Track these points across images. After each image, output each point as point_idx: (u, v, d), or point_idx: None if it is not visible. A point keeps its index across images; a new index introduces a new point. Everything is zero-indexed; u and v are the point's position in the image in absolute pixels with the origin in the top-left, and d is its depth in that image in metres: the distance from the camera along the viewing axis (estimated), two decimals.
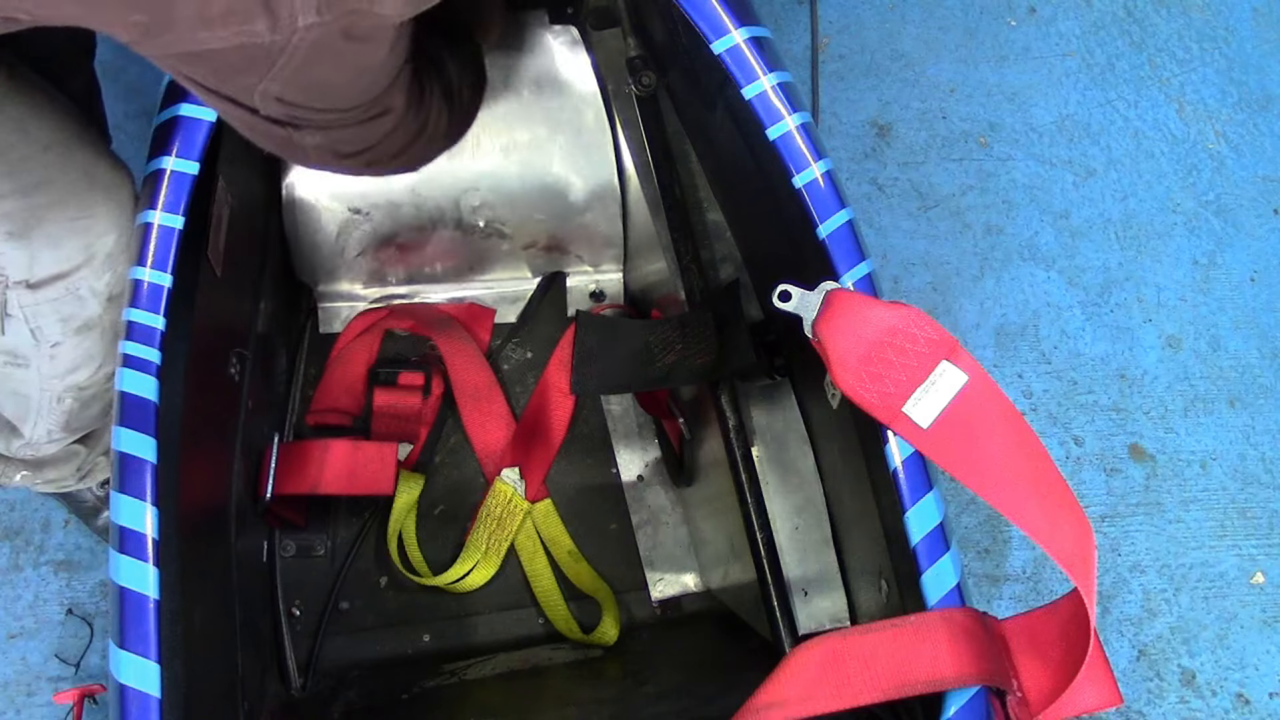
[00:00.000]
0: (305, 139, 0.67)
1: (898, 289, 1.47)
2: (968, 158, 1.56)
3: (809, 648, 0.66)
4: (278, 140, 0.67)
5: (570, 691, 1.03)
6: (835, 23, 1.61)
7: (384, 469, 1.06)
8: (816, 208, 0.77)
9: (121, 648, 0.66)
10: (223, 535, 0.88)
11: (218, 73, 0.58)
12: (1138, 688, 1.31)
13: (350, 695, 1.01)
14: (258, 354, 1.00)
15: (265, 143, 0.69)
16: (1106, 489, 1.40)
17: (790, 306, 0.72)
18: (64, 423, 0.92)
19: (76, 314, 0.82)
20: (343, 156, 0.73)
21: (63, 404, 0.89)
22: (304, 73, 0.57)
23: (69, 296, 0.80)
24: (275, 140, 0.68)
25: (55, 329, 0.82)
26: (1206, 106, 1.64)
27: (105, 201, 0.78)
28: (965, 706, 0.65)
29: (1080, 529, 0.64)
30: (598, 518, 1.19)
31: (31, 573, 1.20)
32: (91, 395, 0.90)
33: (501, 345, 1.23)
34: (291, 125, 0.65)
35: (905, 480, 0.70)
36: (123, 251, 0.81)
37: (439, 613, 1.13)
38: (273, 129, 0.65)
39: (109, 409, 0.93)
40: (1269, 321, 1.52)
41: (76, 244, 0.78)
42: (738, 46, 0.80)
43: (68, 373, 0.86)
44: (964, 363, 0.67)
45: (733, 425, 0.90)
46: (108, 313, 0.83)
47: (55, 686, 1.16)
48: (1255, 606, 1.36)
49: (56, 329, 0.82)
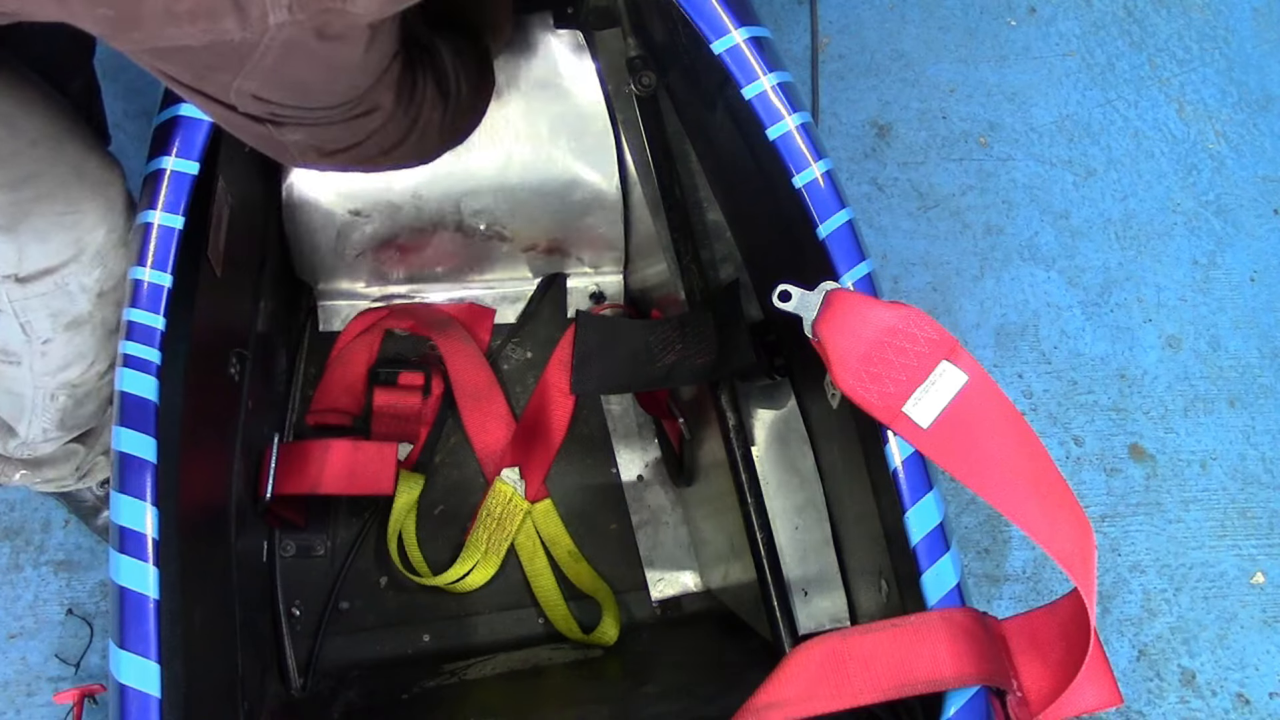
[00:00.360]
0: (286, 135, 0.66)
1: (898, 289, 1.47)
2: (968, 158, 1.56)
3: (809, 648, 0.66)
4: (259, 137, 0.66)
5: (570, 691, 1.03)
6: (835, 23, 1.61)
7: (384, 469, 1.06)
8: (816, 208, 0.77)
9: (121, 648, 0.66)
10: (223, 535, 0.88)
11: (192, 69, 0.58)
12: (1138, 688, 1.31)
13: (350, 695, 1.01)
14: (258, 354, 1.00)
15: (248, 139, 0.68)
16: (1106, 489, 1.40)
17: (790, 306, 0.72)
18: (58, 420, 0.92)
19: (66, 309, 0.81)
20: (327, 154, 0.71)
21: (56, 401, 0.89)
22: (279, 71, 0.57)
23: (58, 292, 0.80)
24: (257, 137, 0.67)
25: (45, 324, 0.82)
26: (1206, 106, 1.64)
27: (94, 197, 0.78)
28: (965, 706, 0.65)
29: (1080, 529, 0.64)
30: (598, 518, 1.19)
31: (31, 573, 1.20)
32: (85, 393, 0.90)
33: (501, 345, 1.23)
34: (271, 122, 0.64)
35: (905, 480, 0.70)
36: (114, 248, 0.81)
37: (439, 613, 1.13)
38: (252, 125, 0.64)
39: (104, 407, 0.93)
40: (1269, 321, 1.52)
41: (64, 239, 0.77)
42: (738, 46, 0.80)
43: (60, 369, 0.86)
44: (964, 363, 0.67)
45: (733, 425, 0.90)
46: (98, 309, 0.83)
47: (55, 686, 1.16)
48: (1255, 606, 1.36)
49: (46, 324, 0.82)
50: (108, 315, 0.84)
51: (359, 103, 0.66)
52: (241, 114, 0.62)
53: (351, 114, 0.66)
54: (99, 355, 0.87)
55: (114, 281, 0.82)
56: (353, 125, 0.68)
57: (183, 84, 0.60)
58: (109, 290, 0.82)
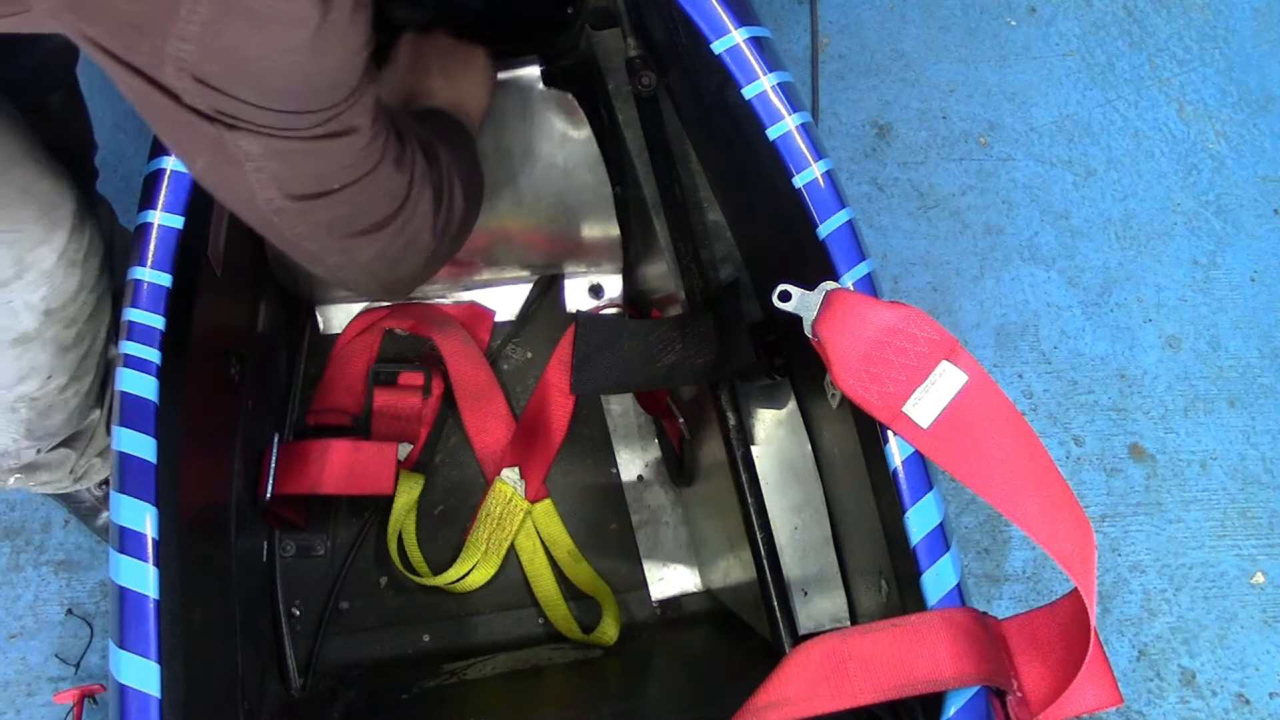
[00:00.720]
0: (241, 143, 0.56)
1: (898, 289, 1.47)
2: (968, 158, 1.56)
3: (809, 648, 0.66)
4: (209, 144, 0.56)
5: (570, 691, 1.03)
6: (835, 23, 1.61)
7: (384, 469, 1.06)
8: (816, 208, 0.77)
9: (121, 648, 0.66)
10: (223, 535, 0.88)
11: (117, 30, 0.51)
12: (1138, 688, 1.31)
13: (350, 695, 1.01)
14: (257, 354, 1.00)
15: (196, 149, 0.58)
16: (1106, 489, 1.40)
17: (790, 306, 0.72)
18: (25, 431, 0.91)
19: (11, 326, 0.81)
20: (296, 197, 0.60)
21: (18, 414, 0.88)
22: (215, 34, 0.50)
23: (2, 308, 0.79)
24: (207, 144, 0.56)
25: None
26: (1206, 106, 1.64)
27: (40, 219, 0.78)
28: (965, 706, 0.65)
29: (1080, 529, 0.64)
30: (598, 518, 1.19)
31: (31, 573, 1.20)
32: (47, 405, 0.89)
33: (501, 345, 1.23)
34: (221, 121, 0.54)
35: (905, 480, 0.70)
36: (62, 267, 0.80)
37: (439, 613, 1.13)
38: (199, 124, 0.54)
39: (75, 416, 0.93)
40: (1269, 321, 1.52)
41: (5, 257, 0.77)
42: (738, 46, 0.80)
43: (15, 384, 0.85)
44: (964, 363, 0.67)
45: (733, 425, 0.90)
46: (47, 327, 0.83)
47: (55, 686, 1.16)
48: (1255, 606, 1.36)
49: None
50: (59, 332, 0.84)
51: (328, 118, 0.57)
52: (187, 107, 0.53)
53: (319, 130, 0.57)
54: (55, 370, 0.86)
55: (62, 300, 0.82)
56: (322, 148, 0.58)
57: (112, 55, 0.52)
58: (57, 309, 0.82)
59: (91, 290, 0.85)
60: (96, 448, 1.01)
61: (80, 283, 0.83)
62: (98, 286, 0.87)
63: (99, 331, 0.90)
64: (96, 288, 0.86)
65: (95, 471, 1.05)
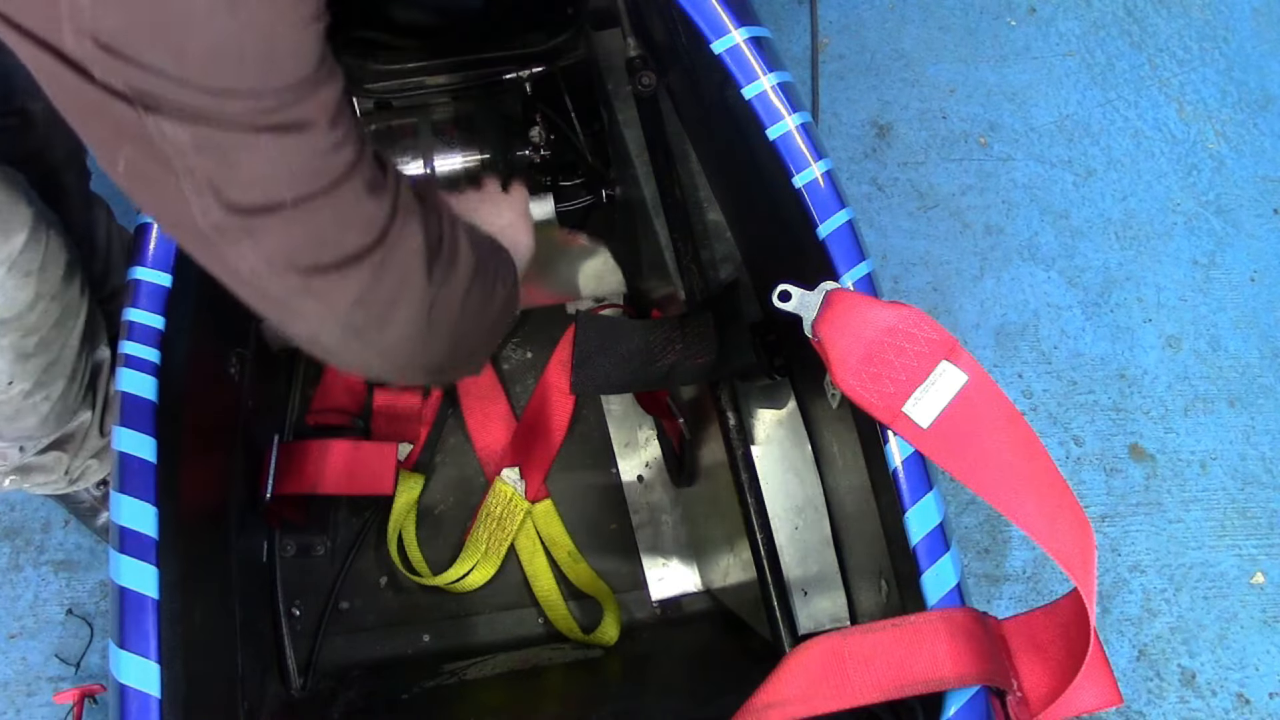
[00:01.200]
0: (166, 130, 0.46)
1: (898, 289, 1.47)
2: (968, 158, 1.56)
3: (809, 648, 0.66)
4: (129, 136, 0.47)
5: (570, 691, 1.03)
6: (835, 23, 1.61)
7: (384, 469, 1.06)
8: (816, 208, 0.77)
9: (121, 648, 0.66)
10: (223, 535, 0.88)
11: None
12: (1138, 688, 1.31)
13: (350, 695, 1.01)
14: (258, 353, 1.00)
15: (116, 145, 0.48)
16: (1106, 489, 1.40)
17: (790, 306, 0.72)
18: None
19: None
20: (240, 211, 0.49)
21: None
22: None
23: None
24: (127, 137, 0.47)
25: None
26: (1206, 106, 1.64)
27: None
28: (965, 706, 0.65)
29: (1080, 529, 0.64)
30: (598, 518, 1.19)
31: (31, 573, 1.20)
32: (14, 410, 0.89)
33: (501, 345, 1.23)
34: (141, 103, 0.45)
35: (905, 480, 0.70)
36: (15, 279, 0.80)
37: (439, 613, 1.13)
38: (116, 108, 0.45)
39: (49, 422, 0.92)
40: (1269, 321, 1.52)
41: None
42: (738, 46, 0.80)
43: None
44: (964, 363, 0.67)
45: (733, 425, 0.90)
46: (3, 335, 0.82)
47: (55, 686, 1.16)
48: (1255, 606, 1.36)
49: None
50: (16, 341, 0.83)
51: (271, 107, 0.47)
52: (100, 85, 0.45)
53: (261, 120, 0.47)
54: (16, 376, 0.85)
55: (16, 310, 0.81)
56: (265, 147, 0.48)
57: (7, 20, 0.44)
58: (11, 318, 0.81)
59: (54, 299, 0.85)
60: (90, 449, 1.01)
61: (36, 293, 0.82)
62: (63, 295, 0.86)
63: (68, 339, 0.89)
64: (61, 296, 0.85)
65: (92, 473, 1.05)
